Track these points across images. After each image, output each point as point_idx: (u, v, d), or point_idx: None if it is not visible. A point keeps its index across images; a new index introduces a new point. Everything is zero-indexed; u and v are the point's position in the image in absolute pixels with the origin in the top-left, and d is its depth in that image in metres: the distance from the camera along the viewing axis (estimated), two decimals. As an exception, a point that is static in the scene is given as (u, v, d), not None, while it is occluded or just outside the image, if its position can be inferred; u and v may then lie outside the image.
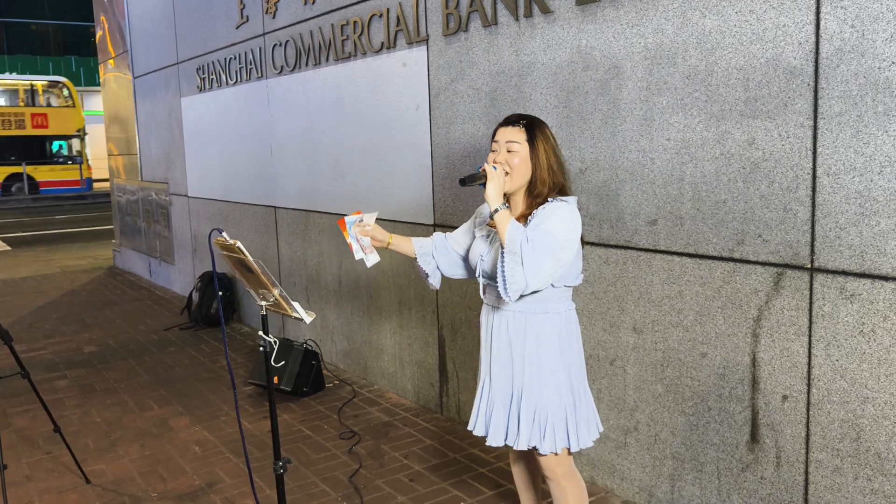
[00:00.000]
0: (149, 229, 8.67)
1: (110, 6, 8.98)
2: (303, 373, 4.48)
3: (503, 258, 2.11)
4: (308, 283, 5.31)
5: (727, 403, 2.69)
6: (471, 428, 2.45)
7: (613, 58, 2.90)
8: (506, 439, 2.35)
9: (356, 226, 2.44)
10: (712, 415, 2.74)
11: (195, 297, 6.42)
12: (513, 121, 2.28)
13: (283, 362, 4.42)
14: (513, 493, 3.16)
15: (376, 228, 2.46)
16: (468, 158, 3.70)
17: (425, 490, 3.29)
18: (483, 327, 2.44)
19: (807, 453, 2.48)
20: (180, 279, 7.84)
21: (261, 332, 2.52)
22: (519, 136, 2.24)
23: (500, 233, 2.13)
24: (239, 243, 2.34)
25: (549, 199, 2.23)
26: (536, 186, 2.25)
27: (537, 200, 2.24)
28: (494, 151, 2.28)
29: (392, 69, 4.18)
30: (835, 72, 2.27)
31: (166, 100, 7.59)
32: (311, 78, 4.96)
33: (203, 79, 6.66)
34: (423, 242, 2.55)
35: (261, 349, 2.53)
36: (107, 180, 11.58)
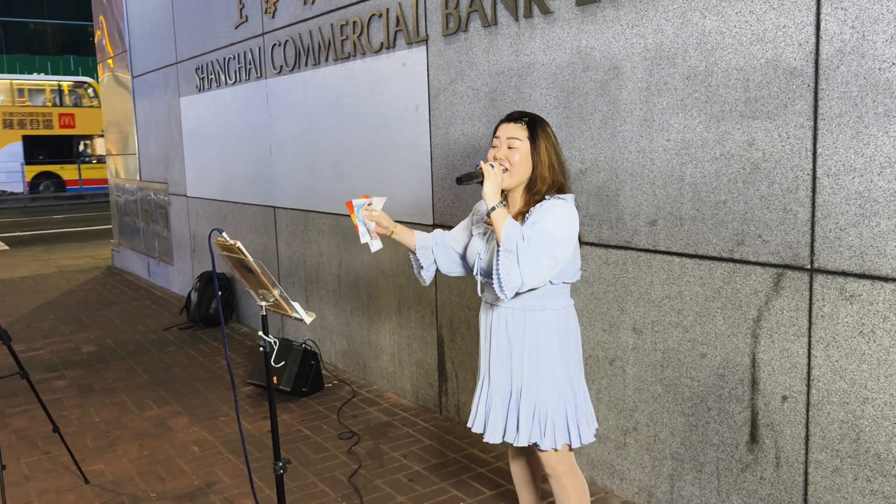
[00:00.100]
0: (147, 229, 8.66)
1: (109, 6, 8.97)
2: (302, 373, 4.48)
3: (499, 256, 2.11)
4: (307, 284, 5.31)
5: (727, 404, 2.69)
6: (469, 424, 2.45)
7: (613, 58, 2.90)
8: (504, 436, 2.35)
9: (364, 209, 2.44)
10: (712, 415, 2.74)
11: (194, 297, 6.41)
12: (515, 117, 2.28)
13: (282, 362, 4.42)
14: (512, 493, 3.15)
15: (382, 215, 2.45)
16: (468, 159, 3.70)
17: (425, 490, 3.29)
18: (482, 325, 2.44)
19: (806, 454, 2.48)
20: (179, 279, 7.83)
21: (260, 333, 2.52)
22: (521, 132, 2.24)
23: (497, 231, 2.13)
24: (239, 243, 2.34)
25: (546, 197, 2.23)
26: (536, 184, 2.25)
27: (536, 198, 2.24)
28: (495, 147, 2.28)
29: (391, 69, 4.18)
30: (835, 73, 2.27)
31: (165, 100, 7.58)
32: (310, 78, 4.95)
33: (202, 79, 6.66)
34: (425, 237, 2.56)
35: (260, 349, 2.53)
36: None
